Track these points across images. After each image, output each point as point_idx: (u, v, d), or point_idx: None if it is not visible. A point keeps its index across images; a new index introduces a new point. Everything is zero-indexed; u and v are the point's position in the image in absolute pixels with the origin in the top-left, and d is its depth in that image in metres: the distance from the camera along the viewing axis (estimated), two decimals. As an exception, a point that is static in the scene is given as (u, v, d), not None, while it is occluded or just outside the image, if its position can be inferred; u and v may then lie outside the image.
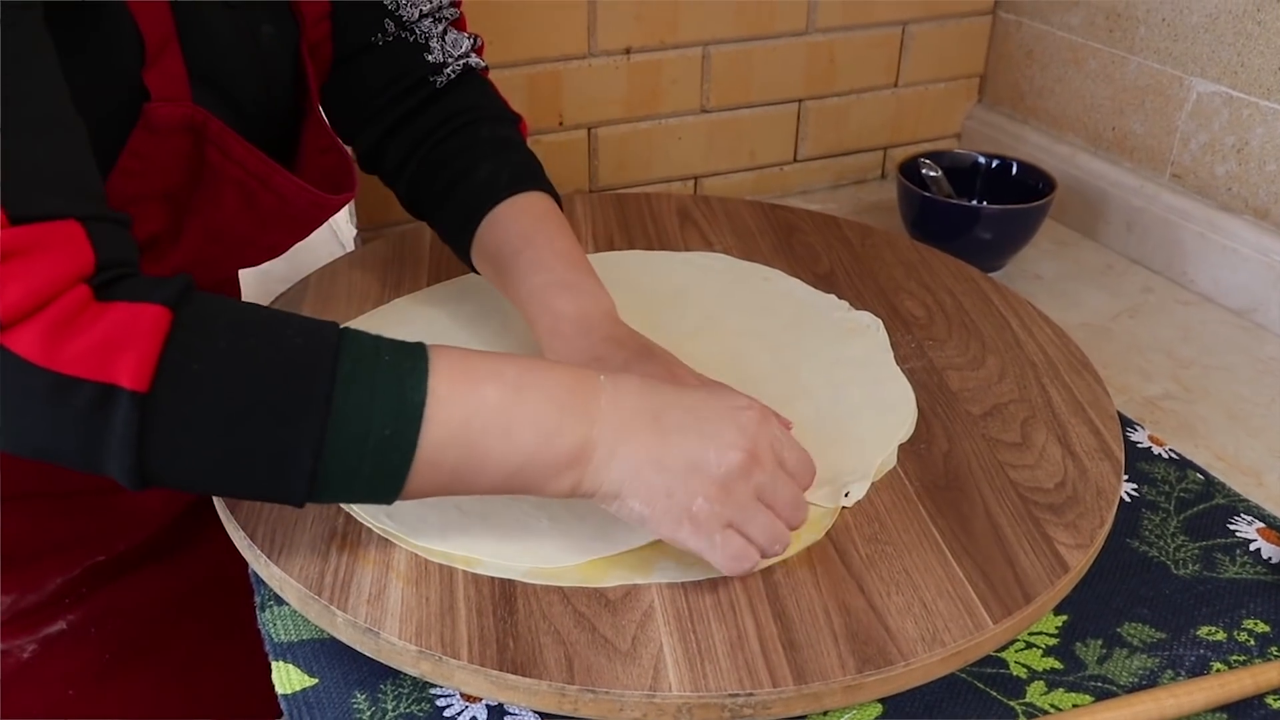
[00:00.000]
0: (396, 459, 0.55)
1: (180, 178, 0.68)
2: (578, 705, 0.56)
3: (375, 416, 0.54)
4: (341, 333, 0.56)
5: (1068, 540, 0.65)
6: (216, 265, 0.76)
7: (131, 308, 0.52)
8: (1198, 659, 0.65)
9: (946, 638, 0.58)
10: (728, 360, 0.82)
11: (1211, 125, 1.08)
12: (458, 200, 0.81)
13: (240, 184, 0.70)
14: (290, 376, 0.54)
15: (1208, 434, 0.89)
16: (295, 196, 0.73)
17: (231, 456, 0.54)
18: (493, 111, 0.85)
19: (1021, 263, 1.15)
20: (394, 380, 0.55)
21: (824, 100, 1.30)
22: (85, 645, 0.81)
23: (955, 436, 0.75)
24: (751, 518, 0.59)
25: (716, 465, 0.58)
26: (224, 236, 0.73)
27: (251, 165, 0.70)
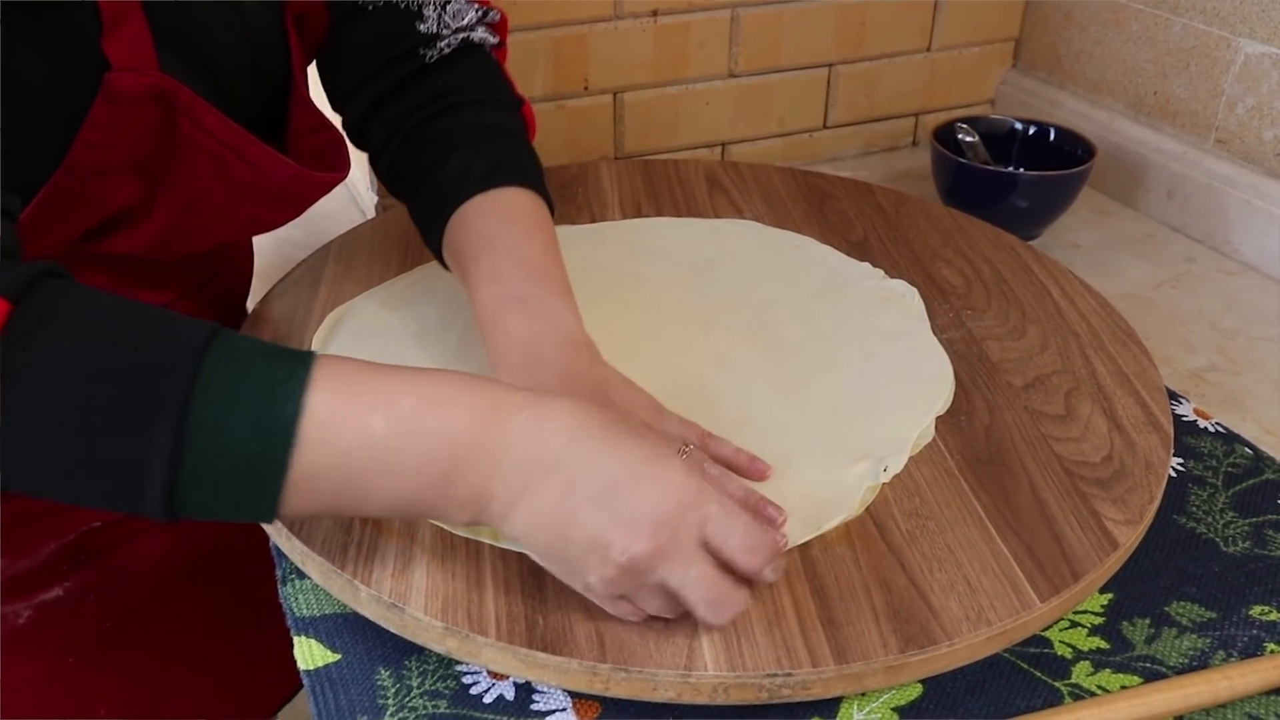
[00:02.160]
0: (265, 479, 0.50)
1: (151, 149, 0.65)
2: (609, 684, 0.54)
3: (237, 430, 0.49)
4: (214, 334, 0.50)
5: (1116, 516, 0.63)
6: (194, 236, 0.73)
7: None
8: (1250, 639, 0.63)
9: (992, 616, 0.56)
10: (759, 329, 0.80)
11: (1259, 88, 1.04)
12: (428, 192, 0.75)
13: (214, 155, 0.67)
14: (144, 380, 0.48)
15: (1255, 407, 0.87)
16: (272, 169, 0.70)
17: (80, 464, 0.49)
18: (483, 94, 0.78)
19: (1059, 231, 1.12)
20: (264, 391, 0.49)
21: (855, 65, 1.27)
22: (84, 613, 0.79)
23: (996, 409, 0.72)
24: (647, 602, 0.54)
25: (620, 552, 0.52)
26: (199, 208, 0.70)
27: (224, 135, 0.66)
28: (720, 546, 0.54)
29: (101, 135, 0.61)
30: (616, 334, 0.79)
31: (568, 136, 1.17)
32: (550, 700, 0.59)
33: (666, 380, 0.74)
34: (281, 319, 0.81)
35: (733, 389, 0.74)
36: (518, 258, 0.70)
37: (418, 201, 0.77)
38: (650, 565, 0.52)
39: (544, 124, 1.15)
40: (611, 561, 0.52)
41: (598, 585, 0.54)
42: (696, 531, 0.53)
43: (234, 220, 0.73)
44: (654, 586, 0.54)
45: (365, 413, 0.51)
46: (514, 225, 0.72)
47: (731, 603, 0.54)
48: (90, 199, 0.65)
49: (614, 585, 0.53)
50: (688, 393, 0.73)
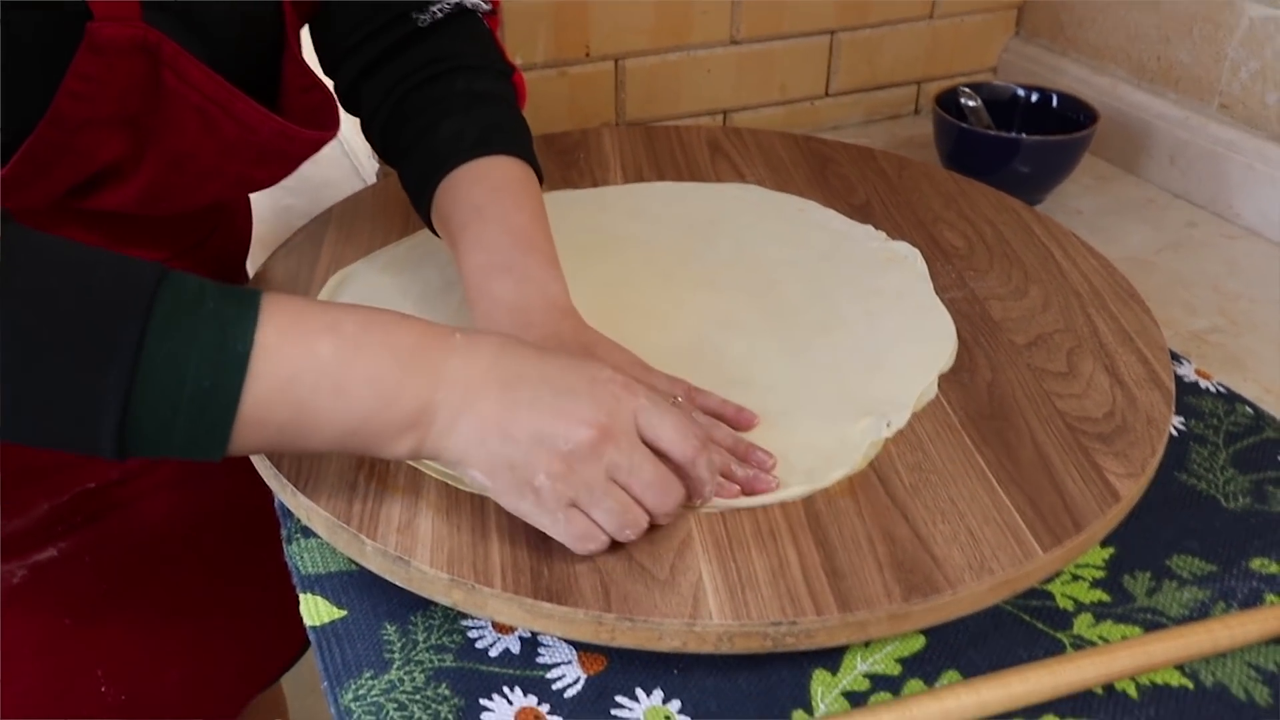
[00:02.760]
0: (217, 413, 0.51)
1: (137, 102, 0.64)
2: (615, 634, 0.54)
3: (192, 366, 0.49)
4: (163, 274, 0.51)
5: (1118, 469, 0.63)
6: (183, 193, 0.72)
7: None
8: (1250, 591, 0.63)
9: (995, 566, 0.57)
10: (762, 290, 0.80)
11: (1264, 52, 1.04)
12: (418, 158, 0.75)
13: (200, 110, 0.66)
14: (97, 319, 0.49)
15: (1256, 367, 0.87)
16: (259, 125, 0.69)
17: (28, 403, 0.49)
18: (476, 60, 0.78)
19: (1061, 197, 1.12)
20: (216, 328, 0.50)
21: (857, 32, 1.26)
22: (80, 573, 0.79)
23: (999, 366, 0.72)
24: (598, 499, 0.55)
25: (564, 440, 0.54)
26: (187, 164, 0.69)
27: (210, 90, 0.66)
28: (655, 437, 0.56)
29: (85, 86, 0.61)
30: (619, 296, 0.79)
31: (570, 103, 1.17)
32: (556, 654, 0.59)
33: (670, 340, 0.74)
34: (283, 283, 0.81)
35: (736, 348, 0.74)
36: (506, 227, 0.70)
37: (408, 167, 0.77)
38: (595, 451, 0.54)
39: (545, 91, 1.15)
40: (557, 452, 0.54)
41: (546, 486, 0.54)
42: (631, 422, 0.56)
43: (223, 177, 0.72)
44: (602, 482, 0.55)
45: (311, 337, 0.52)
46: (503, 194, 0.72)
47: (675, 488, 0.57)
48: (76, 153, 0.64)
49: (564, 480, 0.54)
50: (692, 352, 0.73)
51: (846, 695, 0.56)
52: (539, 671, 0.58)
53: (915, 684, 0.57)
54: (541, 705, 0.56)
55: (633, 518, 0.56)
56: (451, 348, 0.55)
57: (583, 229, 0.88)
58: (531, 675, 0.58)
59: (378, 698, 0.56)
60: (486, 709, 0.56)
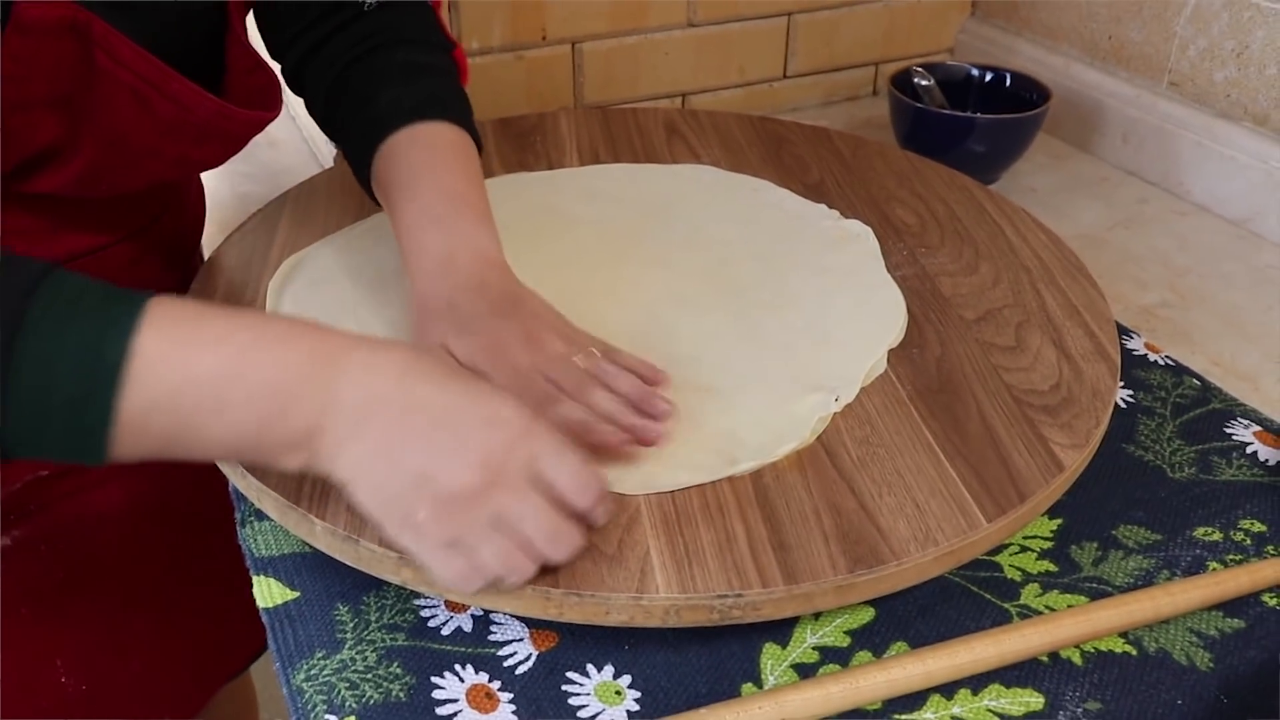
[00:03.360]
0: (92, 420, 0.49)
1: (70, 83, 0.64)
2: (563, 609, 0.55)
3: (62, 370, 0.48)
4: (45, 274, 0.49)
5: (1063, 440, 0.64)
6: (123, 175, 0.72)
7: None
8: (1194, 559, 0.64)
9: (940, 537, 0.57)
10: (715, 269, 0.80)
11: (1210, 30, 1.05)
12: (358, 128, 0.76)
13: (134, 90, 0.65)
14: None
15: (1204, 341, 0.88)
16: (195, 105, 0.69)
17: None
18: (417, 35, 0.79)
19: (1015, 176, 1.13)
20: (93, 332, 0.49)
21: (814, 14, 1.27)
22: (36, 563, 0.78)
23: (948, 341, 0.73)
24: (478, 544, 0.53)
25: (448, 482, 0.52)
26: (124, 145, 0.69)
27: (144, 70, 0.65)
28: (551, 482, 0.54)
29: (15, 67, 0.60)
30: (573, 275, 0.79)
31: (527, 88, 1.17)
32: (508, 631, 0.59)
33: (623, 318, 0.74)
34: (237, 266, 0.81)
35: (688, 325, 0.74)
36: (439, 185, 0.71)
37: (349, 138, 0.77)
38: (480, 497, 0.52)
39: (502, 75, 1.15)
40: (437, 494, 0.52)
41: (428, 523, 0.52)
42: (526, 467, 0.53)
43: (162, 158, 0.72)
44: (485, 528, 0.53)
45: (197, 349, 0.50)
46: (438, 157, 0.73)
47: (570, 537, 0.55)
48: (11, 136, 0.64)
49: (444, 521, 0.52)
50: (644, 330, 0.73)
51: (795, 668, 0.57)
52: (491, 649, 0.58)
53: (864, 655, 0.58)
54: (493, 682, 0.56)
55: (517, 565, 0.54)
56: (345, 368, 0.52)
57: (537, 210, 0.88)
58: (483, 653, 0.58)
59: (329, 677, 0.56)
60: (438, 686, 0.56)
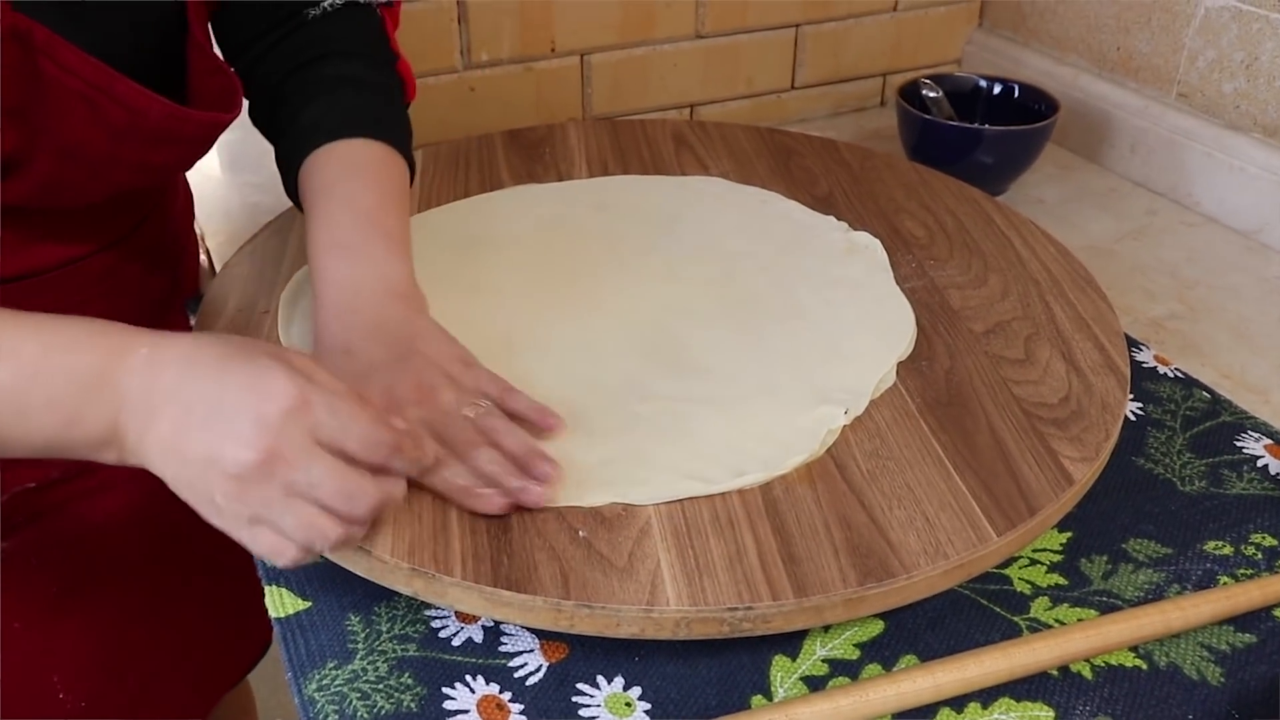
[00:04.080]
0: None
1: (18, 92, 0.63)
2: (574, 621, 0.55)
3: None
4: None
5: (1072, 454, 0.64)
6: (83, 186, 0.71)
7: None
8: (1204, 573, 0.64)
9: (949, 550, 0.57)
10: (724, 281, 0.81)
11: (1220, 41, 1.05)
12: (285, 143, 0.76)
13: (83, 96, 0.65)
14: None
15: (1213, 353, 0.88)
16: (146, 107, 0.68)
17: None
18: (353, 48, 0.78)
19: (1023, 187, 1.13)
20: None
21: (821, 25, 1.27)
22: (29, 576, 0.78)
23: (957, 354, 0.73)
24: (278, 516, 0.54)
25: (232, 463, 0.53)
26: (79, 154, 0.68)
27: (89, 75, 0.64)
28: (341, 446, 0.55)
29: None
30: (582, 287, 0.79)
31: (536, 99, 1.17)
32: (518, 642, 0.59)
33: (632, 330, 0.75)
34: (250, 277, 0.81)
35: (698, 338, 0.74)
36: (353, 207, 0.71)
37: (279, 151, 0.77)
38: (265, 472, 0.53)
39: (512, 87, 1.15)
40: (227, 474, 0.53)
41: (225, 504, 0.54)
42: (306, 435, 0.54)
43: (122, 165, 0.71)
44: (280, 499, 0.54)
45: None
46: (354, 176, 0.72)
47: (364, 493, 0.55)
48: None
49: (239, 501, 0.53)
50: (653, 342, 0.74)
51: (805, 680, 0.57)
52: (501, 660, 0.58)
53: (873, 668, 0.58)
54: (504, 694, 0.56)
55: (319, 529, 0.54)
56: (131, 368, 0.54)
57: (546, 222, 0.88)
58: (494, 664, 0.58)
59: (341, 687, 0.56)
60: (449, 697, 0.56)
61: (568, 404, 0.67)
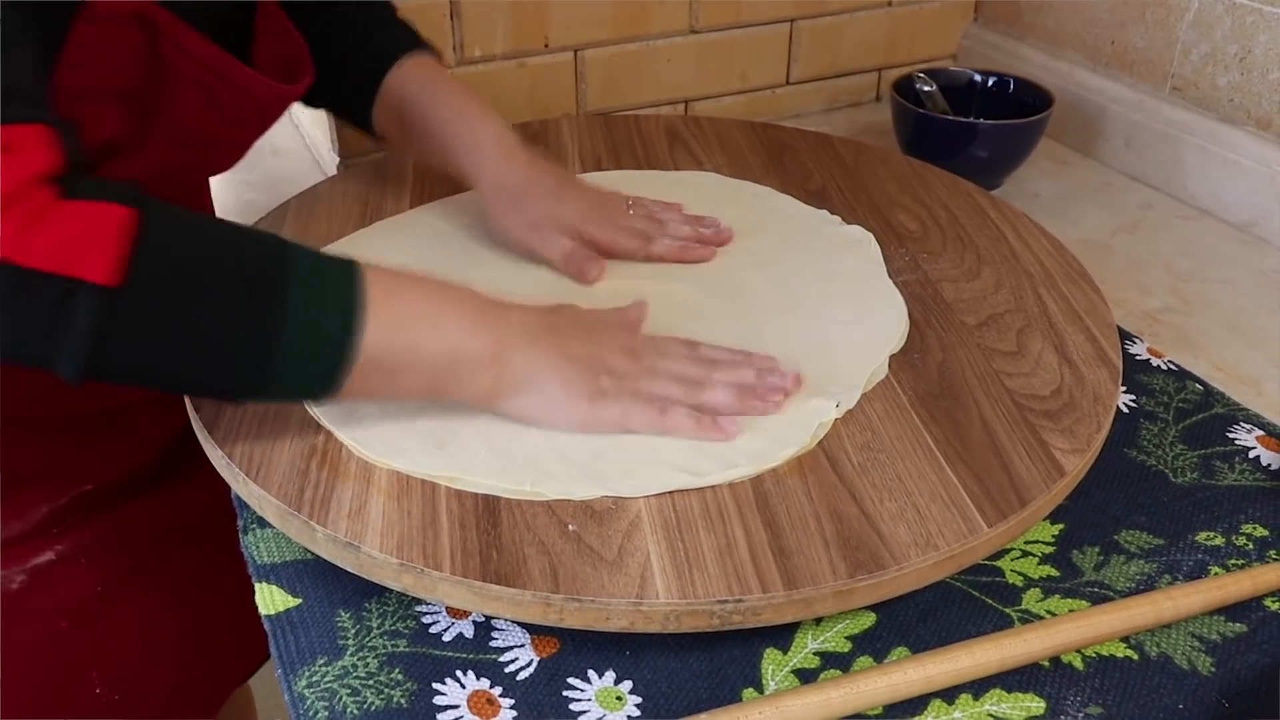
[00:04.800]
0: (341, 352, 0.58)
1: (136, 76, 0.65)
2: (563, 615, 0.55)
3: (324, 314, 0.57)
4: (282, 242, 0.59)
5: (1064, 445, 0.64)
6: (185, 171, 0.74)
7: (95, 206, 0.52)
8: (1196, 564, 0.64)
9: (940, 542, 0.57)
10: (717, 275, 0.81)
11: (1213, 34, 1.05)
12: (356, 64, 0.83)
13: (199, 81, 0.67)
14: (248, 278, 0.56)
15: (1207, 346, 0.88)
16: (257, 90, 0.71)
17: (185, 353, 0.56)
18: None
19: (1019, 182, 1.13)
20: (339, 283, 0.58)
21: (816, 20, 1.27)
22: (76, 576, 0.80)
23: (950, 346, 0.73)
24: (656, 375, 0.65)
25: (608, 351, 0.65)
26: (190, 139, 0.70)
27: (209, 60, 0.67)
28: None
29: (84, 56, 0.62)
30: (574, 282, 0.79)
31: (529, 95, 1.17)
32: (509, 637, 0.59)
33: (623, 325, 0.74)
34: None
35: (690, 331, 0.73)
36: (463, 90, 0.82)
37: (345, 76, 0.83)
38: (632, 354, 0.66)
39: (505, 82, 1.15)
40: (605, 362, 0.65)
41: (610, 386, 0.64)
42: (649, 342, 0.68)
43: (221, 147, 0.75)
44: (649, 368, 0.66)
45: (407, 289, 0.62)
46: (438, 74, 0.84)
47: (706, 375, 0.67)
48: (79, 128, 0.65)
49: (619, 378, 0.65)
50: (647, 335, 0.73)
51: (797, 673, 0.57)
52: (492, 655, 0.58)
53: (865, 660, 0.58)
54: (494, 689, 0.56)
55: (692, 372, 0.66)
56: (507, 305, 0.65)
57: (539, 217, 0.88)
58: (484, 659, 0.58)
59: (331, 684, 0.56)
60: (439, 693, 0.56)
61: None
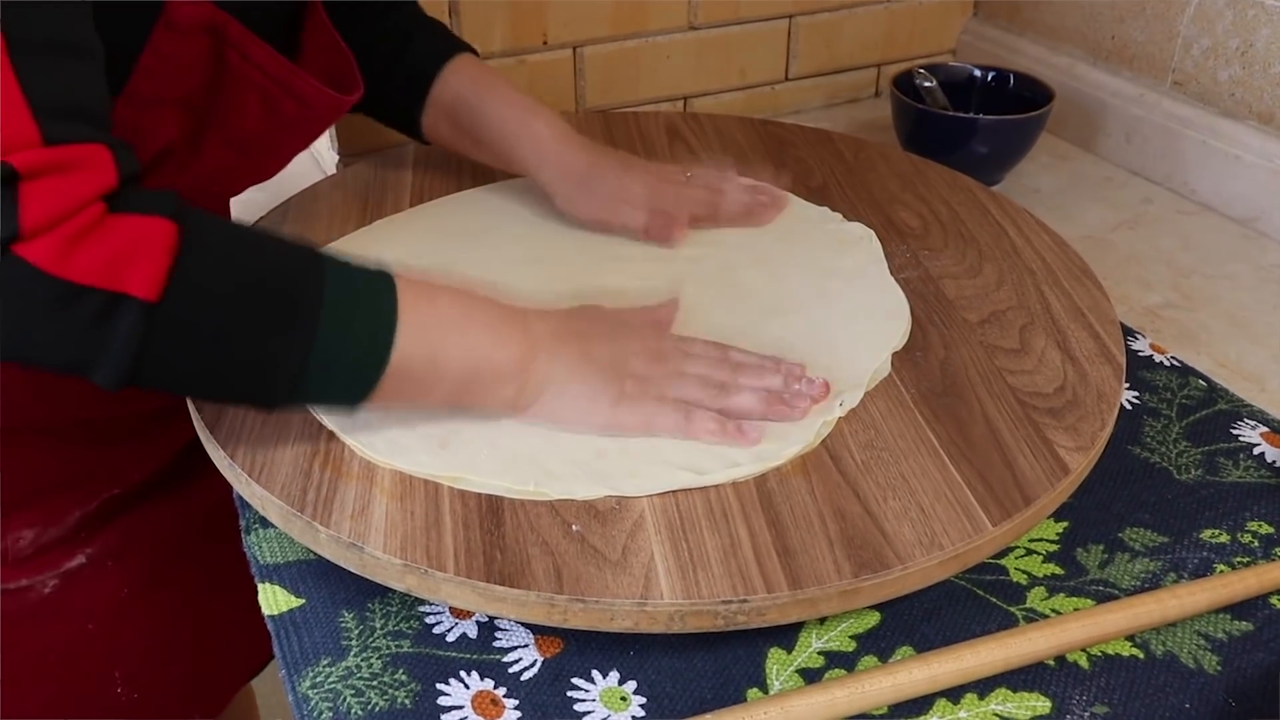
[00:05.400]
0: (372, 364, 0.58)
1: (199, 82, 0.67)
2: (567, 615, 0.54)
3: (357, 326, 0.58)
4: (317, 253, 0.60)
5: (1068, 443, 0.64)
6: (231, 178, 0.75)
7: (140, 220, 0.53)
8: (1201, 561, 0.64)
9: (944, 541, 0.57)
10: (717, 273, 0.80)
11: (1215, 29, 1.05)
12: (400, 71, 0.84)
13: (261, 89, 0.69)
14: (284, 289, 0.57)
15: (1209, 342, 0.88)
16: (316, 100, 0.72)
17: (222, 363, 0.57)
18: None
19: (1019, 177, 1.13)
20: (372, 294, 0.59)
21: (815, 16, 1.27)
22: (104, 579, 0.81)
23: (952, 344, 0.73)
24: (682, 379, 0.65)
25: (633, 356, 0.65)
26: (246, 146, 0.72)
27: (272, 69, 0.69)
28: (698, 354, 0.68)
29: (158, 63, 0.64)
30: (575, 280, 0.79)
31: (528, 92, 1.15)
32: (513, 637, 0.59)
33: (625, 324, 0.74)
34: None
35: (692, 329, 0.73)
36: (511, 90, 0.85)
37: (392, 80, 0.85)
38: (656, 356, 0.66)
39: (504, 79, 1.14)
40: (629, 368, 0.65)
41: (633, 389, 0.64)
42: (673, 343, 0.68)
43: (274, 153, 0.75)
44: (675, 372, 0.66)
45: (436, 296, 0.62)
46: (490, 73, 0.85)
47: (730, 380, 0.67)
48: (140, 133, 0.66)
49: (643, 381, 0.65)
50: (646, 335, 0.73)
51: (801, 673, 0.57)
52: (495, 655, 0.58)
53: (870, 660, 0.58)
54: (498, 689, 0.56)
55: (719, 375, 0.65)
56: (530, 311, 0.65)
57: (539, 215, 0.88)
58: (488, 659, 0.58)
59: (335, 684, 0.56)
60: (443, 693, 0.56)
61: (561, 398, 0.66)
